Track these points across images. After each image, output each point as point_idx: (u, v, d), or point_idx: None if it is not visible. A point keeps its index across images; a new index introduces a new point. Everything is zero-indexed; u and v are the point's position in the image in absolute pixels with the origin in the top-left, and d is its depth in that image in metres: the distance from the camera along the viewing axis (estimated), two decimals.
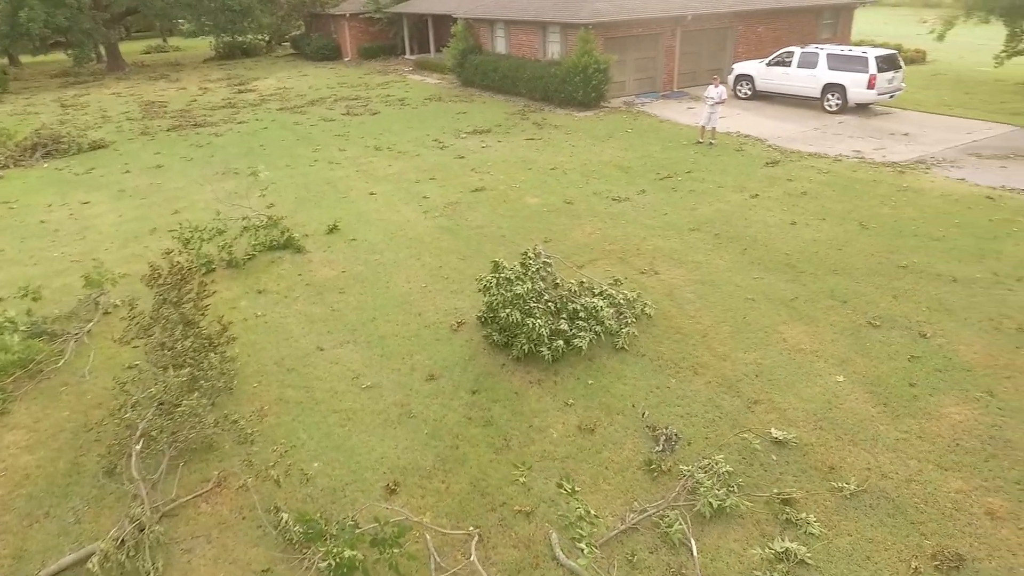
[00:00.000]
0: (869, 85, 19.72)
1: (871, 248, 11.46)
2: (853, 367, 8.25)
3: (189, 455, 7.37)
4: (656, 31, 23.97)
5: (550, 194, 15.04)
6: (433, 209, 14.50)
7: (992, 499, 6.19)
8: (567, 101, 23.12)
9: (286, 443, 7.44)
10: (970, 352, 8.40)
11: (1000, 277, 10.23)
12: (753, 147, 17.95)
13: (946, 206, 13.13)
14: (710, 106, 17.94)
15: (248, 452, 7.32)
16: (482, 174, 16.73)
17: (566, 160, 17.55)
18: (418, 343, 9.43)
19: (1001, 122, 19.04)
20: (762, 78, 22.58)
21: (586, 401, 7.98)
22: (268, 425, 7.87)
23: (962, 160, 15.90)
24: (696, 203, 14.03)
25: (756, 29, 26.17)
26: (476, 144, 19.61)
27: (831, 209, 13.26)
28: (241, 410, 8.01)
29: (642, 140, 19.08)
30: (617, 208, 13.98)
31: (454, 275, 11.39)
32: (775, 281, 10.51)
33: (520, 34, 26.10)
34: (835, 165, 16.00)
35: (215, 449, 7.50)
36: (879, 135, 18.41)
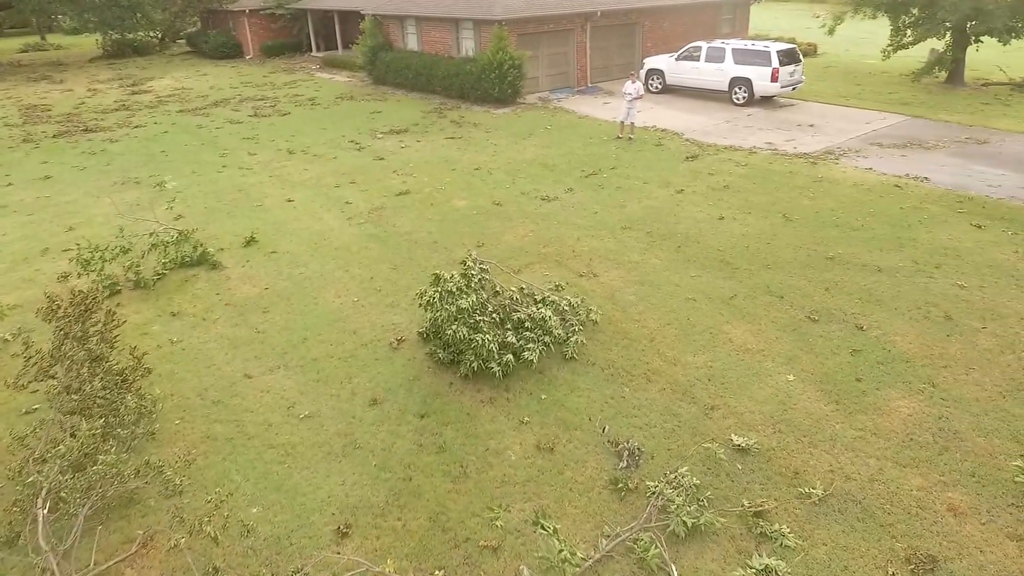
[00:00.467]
0: (773, 78, 20.23)
1: (798, 240, 11.57)
2: (800, 365, 8.19)
3: (107, 513, 6.39)
4: (567, 27, 23.74)
5: (478, 195, 14.47)
6: (357, 215, 13.63)
7: (952, 494, 6.19)
8: (483, 98, 22.55)
9: (220, 490, 6.57)
10: (906, 343, 8.52)
11: (920, 265, 10.53)
12: (671, 141, 18.01)
13: (860, 195, 13.51)
14: (628, 102, 17.84)
15: (177, 505, 6.41)
16: (405, 176, 15.93)
17: (489, 159, 17.01)
18: (356, 364, 8.68)
19: (894, 112, 19.96)
20: (672, 72, 22.79)
21: (541, 417, 7.51)
22: (197, 469, 6.96)
23: (866, 150, 16.49)
24: (624, 200, 13.83)
25: (662, 24, 26.44)
26: (395, 144, 18.75)
27: (755, 202, 13.37)
28: (164, 454, 7.05)
29: (563, 137, 18.79)
30: (547, 208, 13.58)
31: (387, 287, 10.66)
32: (712, 279, 10.40)
33: (432, 30, 25.26)
34: (751, 158, 16.24)
35: (138, 503, 6.56)
36: (787, 127, 18.91)
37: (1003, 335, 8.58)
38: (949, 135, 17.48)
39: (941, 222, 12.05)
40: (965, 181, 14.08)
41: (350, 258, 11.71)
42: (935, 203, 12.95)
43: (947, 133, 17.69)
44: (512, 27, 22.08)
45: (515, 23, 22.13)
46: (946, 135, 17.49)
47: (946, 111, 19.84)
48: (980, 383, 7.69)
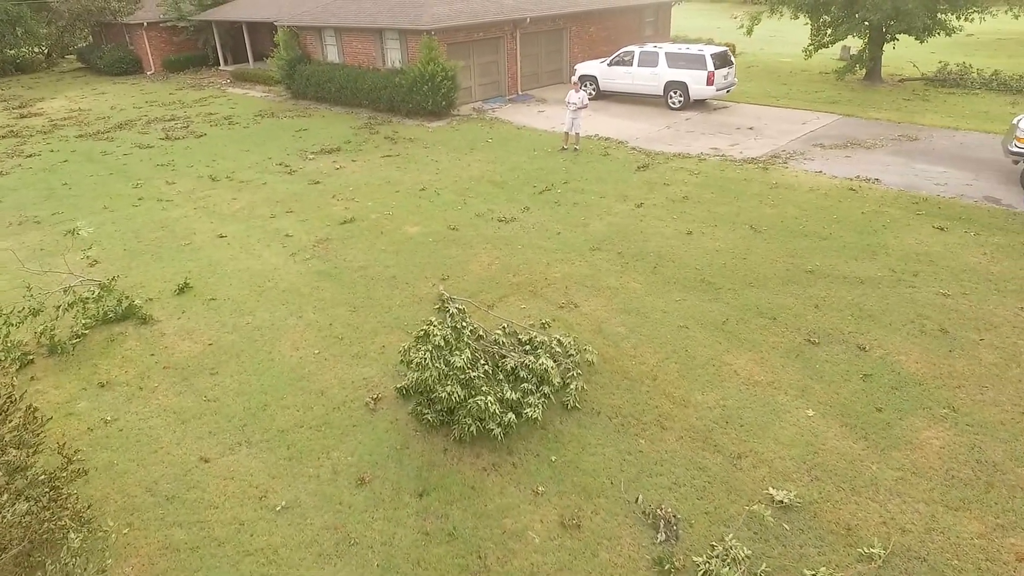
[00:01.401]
0: (708, 82, 20.11)
1: (772, 254, 11.19)
2: (815, 396, 7.68)
3: None
4: (497, 34, 22.91)
5: (430, 220, 13.41)
6: (301, 250, 12.30)
7: (1014, 540, 5.75)
8: (416, 111, 21.40)
9: None
10: (912, 363, 8.17)
11: (898, 274, 10.32)
12: (618, 150, 17.50)
13: (819, 201, 13.35)
14: (572, 111, 17.20)
15: None
16: (346, 202, 14.66)
17: (434, 178, 15.95)
18: (331, 434, 7.53)
19: (825, 111, 20.23)
20: (605, 78, 22.37)
21: (557, 485, 6.65)
22: None
23: (810, 152, 16.50)
24: (585, 217, 13.13)
25: (588, 29, 26.04)
26: (328, 166, 17.36)
27: (718, 213, 12.96)
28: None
29: (506, 150, 17.94)
30: (507, 231, 12.70)
31: (350, 334, 9.50)
32: (698, 302, 9.82)
33: (354, 42, 23.84)
34: (702, 165, 15.92)
35: None
36: (728, 130, 18.78)
37: (1003, 347, 8.38)
38: (883, 133, 17.79)
39: (904, 226, 11.99)
40: (913, 181, 14.21)
41: (302, 301, 10.44)
42: (892, 206, 12.94)
43: (880, 131, 18.01)
44: (441, 36, 21.03)
45: (444, 32, 21.09)
46: (880, 133, 17.80)
47: (873, 108, 20.30)
48: (998, 403, 7.40)
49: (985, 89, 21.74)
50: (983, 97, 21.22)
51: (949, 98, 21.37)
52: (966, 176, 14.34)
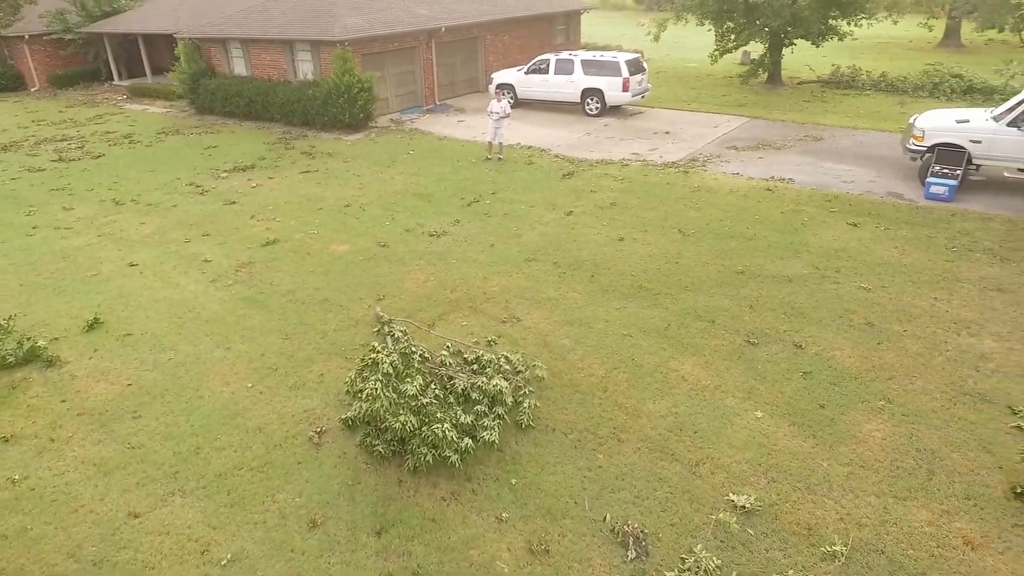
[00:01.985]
0: (624, 88, 20.54)
1: (703, 256, 11.44)
2: (761, 397, 7.84)
3: None
4: (412, 44, 22.56)
5: (358, 237, 12.94)
6: (222, 275, 11.57)
7: (960, 524, 6.03)
8: (332, 124, 20.72)
9: None
10: (845, 357, 8.50)
11: (822, 271, 10.77)
12: (541, 158, 17.53)
13: (739, 202, 13.80)
14: (495, 121, 17.11)
15: None
16: (267, 222, 13.94)
17: (357, 193, 15.43)
18: (275, 474, 7.04)
19: (734, 114, 21.06)
20: (523, 86, 22.44)
21: (520, 509, 6.45)
22: None
23: (726, 154, 17.09)
24: (517, 228, 13.02)
25: (502, 38, 26.09)
26: (243, 184, 16.50)
27: (646, 219, 13.16)
28: None
29: (429, 162, 17.62)
30: (439, 245, 12.42)
31: (284, 363, 8.97)
32: (638, 309, 9.88)
33: (262, 54, 22.85)
34: (625, 171, 16.16)
35: None
36: (646, 135, 19.21)
37: (924, 336, 8.86)
38: (790, 134, 18.68)
39: (821, 223, 12.56)
40: (823, 179, 14.95)
41: (228, 331, 9.79)
42: (808, 204, 13.55)
43: (787, 132, 18.89)
44: (355, 47, 20.47)
45: (358, 43, 20.54)
46: (787, 134, 18.68)
47: (778, 110, 21.30)
48: (927, 391, 7.79)
49: (875, 90, 23.29)
50: (874, 98, 22.71)
51: (844, 99, 22.73)
52: (869, 173, 15.23)
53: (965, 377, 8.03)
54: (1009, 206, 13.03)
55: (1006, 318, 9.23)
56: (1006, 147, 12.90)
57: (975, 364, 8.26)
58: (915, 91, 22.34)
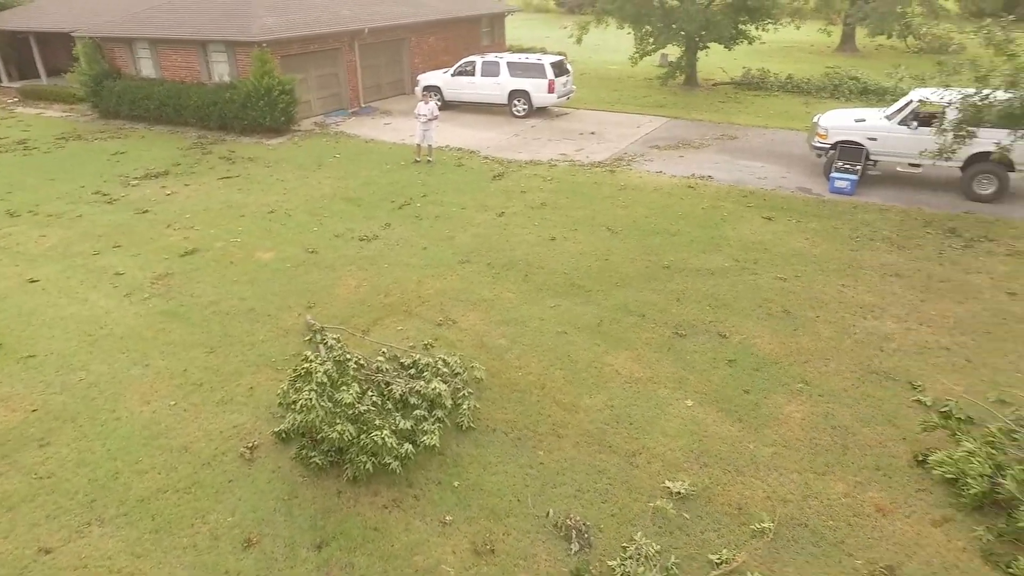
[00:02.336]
0: (549, 90, 20.82)
1: (631, 253, 11.75)
2: (691, 386, 8.13)
3: None
4: (334, 46, 22.11)
5: (284, 244, 12.58)
6: (137, 289, 11.00)
7: (872, 494, 6.45)
8: (252, 128, 20.03)
9: None
10: (765, 344, 8.93)
11: (741, 263, 11.26)
12: (471, 160, 17.54)
13: (663, 199, 14.24)
14: (423, 123, 17.01)
15: None
16: (185, 231, 13.35)
17: (282, 199, 15.00)
18: (204, 494, 6.76)
19: (655, 115, 21.71)
20: (450, 88, 22.38)
21: (464, 511, 6.45)
22: None
23: (649, 153, 17.59)
24: (450, 230, 12.99)
25: (427, 40, 25.94)
26: (157, 192, 15.73)
27: (576, 217, 13.40)
28: None
29: (357, 165, 17.32)
30: (370, 249, 12.23)
31: (210, 378, 8.62)
32: (572, 306, 10.06)
33: (173, 55, 21.86)
34: (554, 171, 16.39)
35: None
36: (572, 136, 19.52)
37: (834, 321, 9.42)
38: (707, 133, 19.42)
39: (738, 218, 13.14)
40: (739, 176, 15.63)
41: (146, 347, 9.32)
42: (726, 200, 14.13)
43: (705, 131, 19.63)
44: (275, 49, 19.88)
45: (277, 44, 19.95)
46: (705, 133, 19.41)
47: (695, 110, 22.10)
48: (840, 372, 8.29)
49: (782, 91, 24.53)
50: (781, 98, 23.90)
51: (755, 100, 23.81)
52: (781, 170, 16.03)
53: (871, 357, 8.59)
54: (902, 198, 14.01)
55: (904, 301, 9.93)
56: (897, 144, 13.87)
57: (879, 345, 8.85)
58: (818, 92, 23.69)
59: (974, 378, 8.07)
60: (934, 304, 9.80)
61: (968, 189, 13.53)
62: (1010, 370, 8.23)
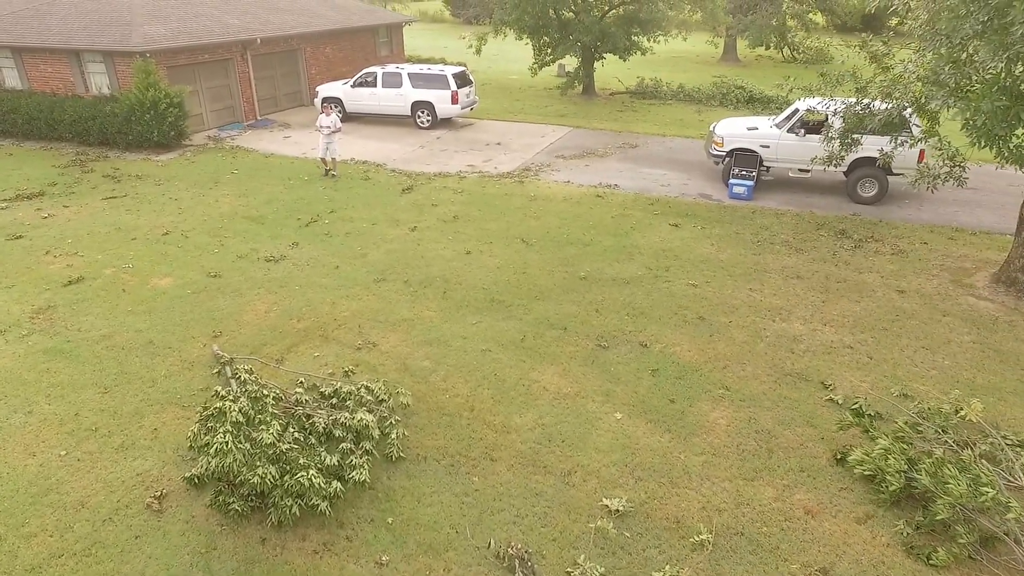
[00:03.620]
0: (453, 100, 20.54)
1: (547, 265, 11.68)
2: (618, 398, 8.11)
3: None
4: (225, 56, 20.83)
5: (183, 268, 11.61)
6: (14, 325, 9.79)
7: (799, 496, 6.63)
8: (139, 144, 18.48)
9: None
10: (685, 352, 9.08)
11: (654, 271, 11.45)
12: (378, 173, 16.97)
13: (574, 209, 14.31)
14: (325, 136, 16.32)
15: None
16: (67, 257, 12.06)
17: (177, 219, 13.89)
18: (108, 556, 6.02)
19: (557, 124, 21.91)
20: (351, 100, 21.61)
21: (401, 549, 6.08)
22: None
23: (555, 163, 17.68)
24: (362, 247, 12.45)
25: (324, 50, 25.00)
26: (31, 215, 14.16)
27: (490, 230, 13.20)
28: None
29: (257, 181, 16.34)
30: (278, 271, 11.51)
31: (106, 421, 7.76)
32: (493, 322, 9.84)
33: (42, 65, 19.87)
34: (464, 183, 16.12)
35: None
36: (478, 147, 19.33)
37: (746, 325, 9.73)
38: (609, 142, 19.78)
39: (648, 226, 13.40)
40: (643, 184, 15.98)
41: (27, 391, 8.28)
42: (634, 208, 14.39)
43: (607, 140, 19.99)
44: (159, 59, 18.46)
45: (162, 54, 18.54)
46: (607, 142, 19.76)
47: (596, 120, 22.50)
48: (756, 376, 8.54)
49: (675, 100, 25.49)
50: (675, 107, 24.82)
51: (651, 108, 24.57)
52: (681, 177, 16.56)
53: (784, 359, 8.93)
54: (795, 202, 14.81)
55: (807, 302, 10.43)
56: (787, 151, 14.67)
57: (790, 347, 9.21)
58: (708, 100, 24.78)
59: (877, 374, 8.55)
60: (834, 304, 10.34)
61: (853, 192, 14.49)
62: (908, 364, 8.77)
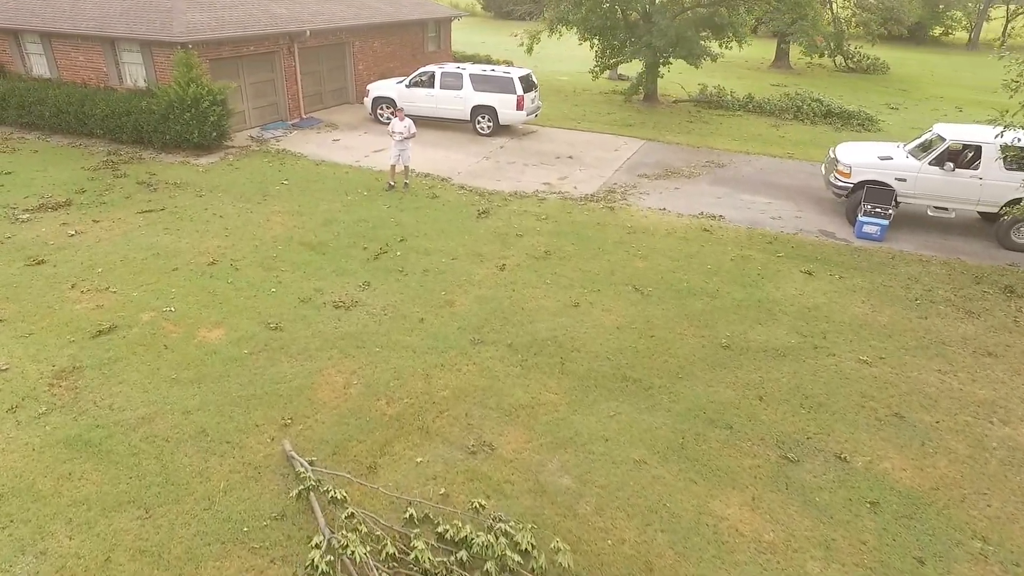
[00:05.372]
0: (518, 106, 17.89)
1: (675, 324, 9.21)
2: (843, 553, 5.66)
3: None
4: (271, 49, 18.20)
5: (237, 315, 9.16)
6: (29, 396, 7.38)
7: None
8: (176, 144, 15.97)
9: None
10: (899, 471, 6.60)
11: (808, 337, 8.92)
12: (445, 190, 14.43)
13: (681, 246, 11.75)
14: (398, 142, 13.86)
15: None
16: (97, 294, 9.62)
17: (224, 243, 11.41)
18: None
19: (627, 135, 19.23)
20: (405, 101, 18.91)
21: None
22: None
23: (640, 184, 15.07)
24: (446, 291, 9.99)
25: (372, 44, 22.31)
26: (57, 231, 11.69)
27: (592, 272, 10.69)
28: None
29: (311, 196, 13.80)
30: (352, 323, 9.05)
31: (147, 571, 5.38)
32: (635, 413, 7.39)
33: (73, 53, 17.32)
34: (545, 207, 13.54)
35: None
36: (549, 160, 16.73)
37: (960, 429, 7.25)
38: (691, 159, 17.13)
39: (776, 273, 10.85)
40: (750, 215, 13.37)
41: (43, 514, 5.87)
42: (751, 247, 11.81)
43: (688, 157, 17.33)
44: (201, 51, 15.89)
45: (205, 46, 15.98)
46: (689, 159, 17.11)
47: (667, 131, 19.80)
48: (1011, 516, 6.07)
49: (743, 111, 22.70)
50: (746, 119, 21.99)
51: (720, 120, 21.76)
52: (789, 208, 13.93)
53: None
54: (933, 245, 12.16)
55: (1020, 394, 7.93)
56: (930, 186, 12.08)
57: None
58: (781, 113, 22.01)
59: None
60: None
61: (1005, 237, 11.87)
62: None
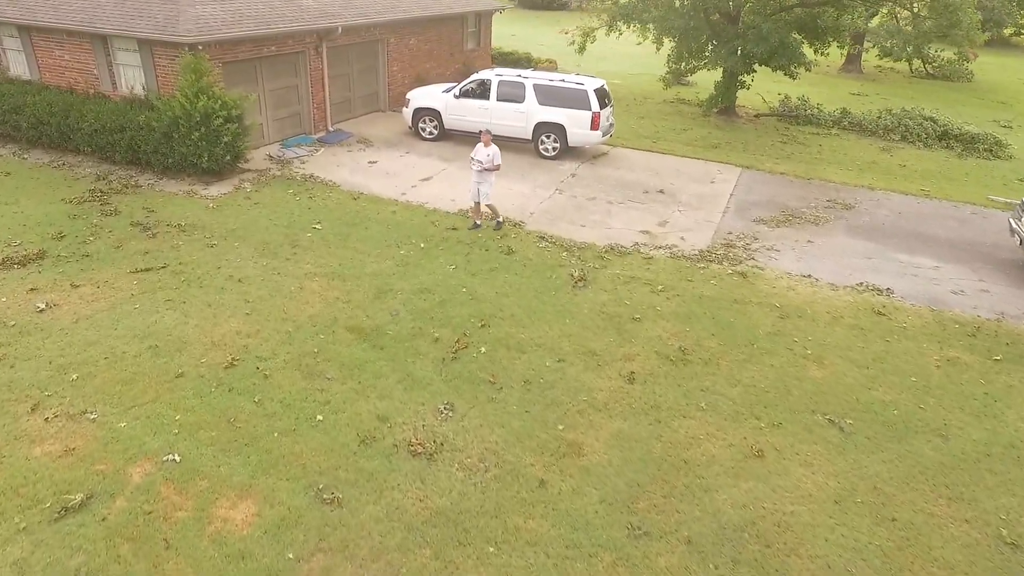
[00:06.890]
0: (593, 125, 14.79)
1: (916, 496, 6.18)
2: None
3: None
4: (296, 48, 15.07)
5: (271, 470, 6.15)
6: None
7: None
8: (180, 167, 12.89)
9: None
10: None
11: None
12: (520, 240, 11.34)
13: (860, 343, 8.70)
14: (478, 173, 10.99)
15: None
16: (69, 421, 6.61)
17: (245, 326, 8.38)
18: None
19: (715, 160, 16.07)
20: (452, 114, 15.80)
21: None
22: None
23: (763, 235, 11.97)
24: (562, 423, 6.97)
25: (408, 41, 19.14)
26: (22, 302, 8.65)
27: (757, 389, 7.66)
28: None
29: (352, 248, 10.68)
30: (441, 488, 6.05)
31: None
32: None
33: (57, 50, 14.22)
34: (655, 271, 10.47)
35: None
36: (635, 194, 13.64)
37: None
38: (808, 196, 14.00)
39: (1005, 389, 7.86)
40: (925, 289, 10.31)
41: None
42: (953, 345, 8.78)
43: (802, 193, 14.20)
44: (213, 52, 12.81)
45: (218, 46, 12.90)
46: (805, 196, 13.99)
47: (761, 155, 16.62)
48: None
49: (839, 128, 19.49)
50: (846, 139, 18.71)
51: (816, 140, 18.45)
52: (965, 273, 10.86)
53: None
54: None
55: None
56: None
57: None
58: (886, 133, 18.84)
59: None
60: None
61: None
62: None
